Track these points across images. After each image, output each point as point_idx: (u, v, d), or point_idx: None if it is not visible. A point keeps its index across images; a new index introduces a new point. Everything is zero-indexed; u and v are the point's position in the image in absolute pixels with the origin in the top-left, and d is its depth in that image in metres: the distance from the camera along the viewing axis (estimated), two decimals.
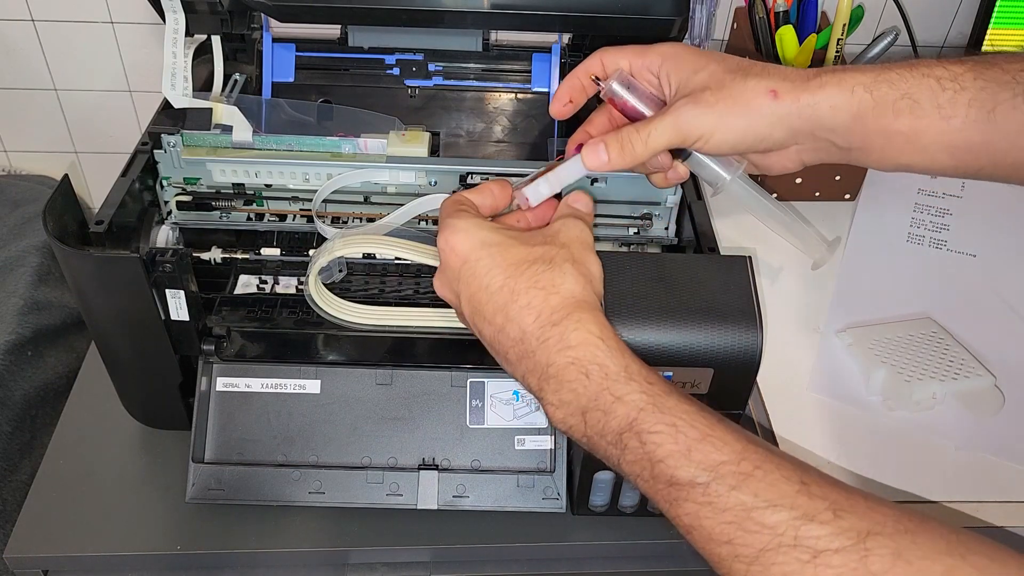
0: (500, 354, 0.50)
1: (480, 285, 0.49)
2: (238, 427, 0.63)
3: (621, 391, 0.44)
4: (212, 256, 0.67)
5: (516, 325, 0.48)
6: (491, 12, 0.66)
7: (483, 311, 0.49)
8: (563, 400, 0.46)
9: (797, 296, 0.82)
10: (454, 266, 0.51)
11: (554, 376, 0.46)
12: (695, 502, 0.40)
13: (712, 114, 0.51)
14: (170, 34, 0.68)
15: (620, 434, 0.43)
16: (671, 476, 0.40)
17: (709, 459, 0.40)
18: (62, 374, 0.84)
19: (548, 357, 0.46)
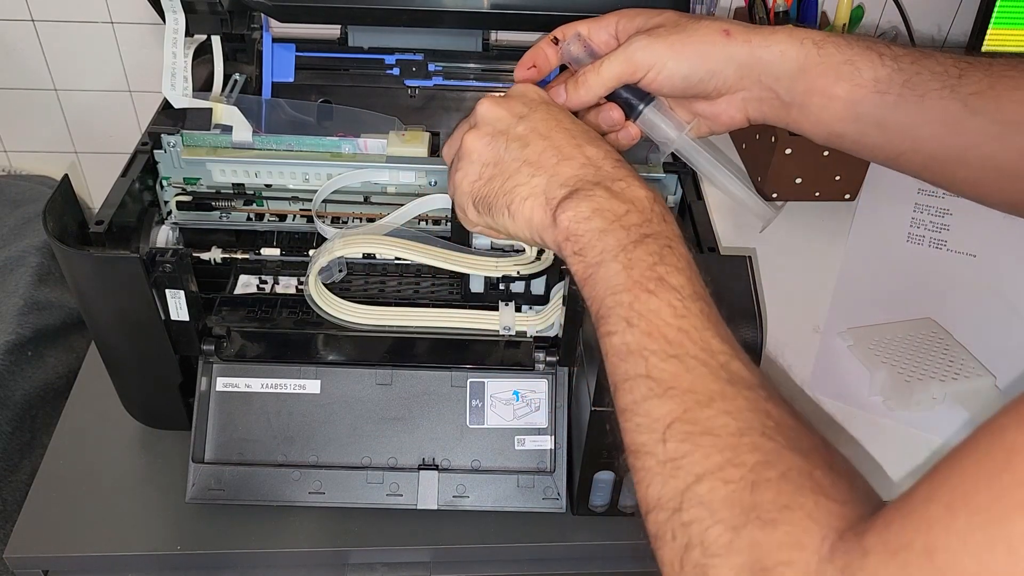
0: (553, 155, 0.49)
1: (569, 114, 0.52)
2: (238, 427, 0.63)
3: (671, 222, 0.46)
4: (212, 256, 0.67)
5: (602, 149, 0.49)
6: (491, 12, 0.66)
7: (564, 124, 0.50)
8: (609, 202, 0.46)
9: (797, 296, 0.82)
10: (542, 96, 0.53)
11: (620, 189, 0.46)
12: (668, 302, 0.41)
13: (663, 44, 0.54)
14: (170, 34, 0.68)
15: (647, 236, 0.44)
16: (665, 278, 0.42)
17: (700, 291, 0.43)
18: (62, 374, 0.84)
19: (623, 175, 0.47)
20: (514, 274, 0.62)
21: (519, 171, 0.49)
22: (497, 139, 0.51)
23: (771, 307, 0.80)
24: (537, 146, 0.49)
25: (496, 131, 0.51)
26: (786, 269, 0.84)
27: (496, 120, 0.51)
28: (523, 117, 0.51)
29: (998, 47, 0.96)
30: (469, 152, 0.51)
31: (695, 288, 0.42)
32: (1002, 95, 0.50)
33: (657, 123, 0.57)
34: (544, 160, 0.49)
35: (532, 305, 0.65)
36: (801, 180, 0.91)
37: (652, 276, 0.42)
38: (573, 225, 0.46)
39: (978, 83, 0.51)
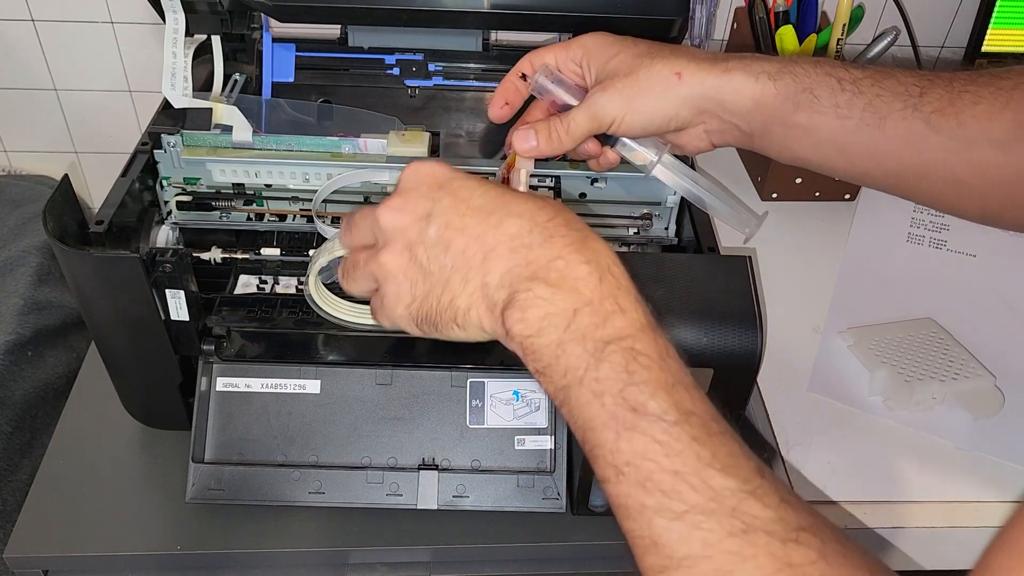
0: (477, 252, 0.43)
1: (475, 187, 0.45)
2: (238, 427, 0.62)
3: (627, 305, 0.41)
4: (212, 256, 0.67)
5: (525, 220, 0.43)
6: (491, 12, 0.66)
7: (475, 203, 0.44)
8: (552, 299, 0.40)
9: (797, 296, 0.82)
10: (437, 177, 0.45)
11: (558, 271, 0.41)
12: (652, 438, 0.37)
13: (620, 98, 0.55)
14: (170, 34, 0.68)
15: (606, 344, 0.39)
16: (641, 403, 0.37)
17: (684, 404, 0.38)
18: (62, 374, 0.84)
19: (557, 252, 0.42)
20: None
21: (450, 281, 0.44)
22: (414, 251, 0.45)
23: (771, 307, 0.80)
24: (457, 245, 0.43)
25: (408, 243, 0.45)
26: (786, 269, 0.84)
27: (404, 231, 0.45)
28: (430, 215, 0.44)
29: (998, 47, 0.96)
30: (391, 275, 0.46)
31: (679, 401, 0.38)
32: (963, 111, 0.51)
33: (633, 147, 0.59)
34: (470, 260, 0.43)
35: None
36: (801, 180, 0.91)
37: (627, 405, 0.37)
38: (527, 341, 0.41)
39: (939, 100, 0.51)
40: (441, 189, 0.45)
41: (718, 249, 0.63)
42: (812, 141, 0.54)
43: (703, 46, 0.94)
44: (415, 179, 0.46)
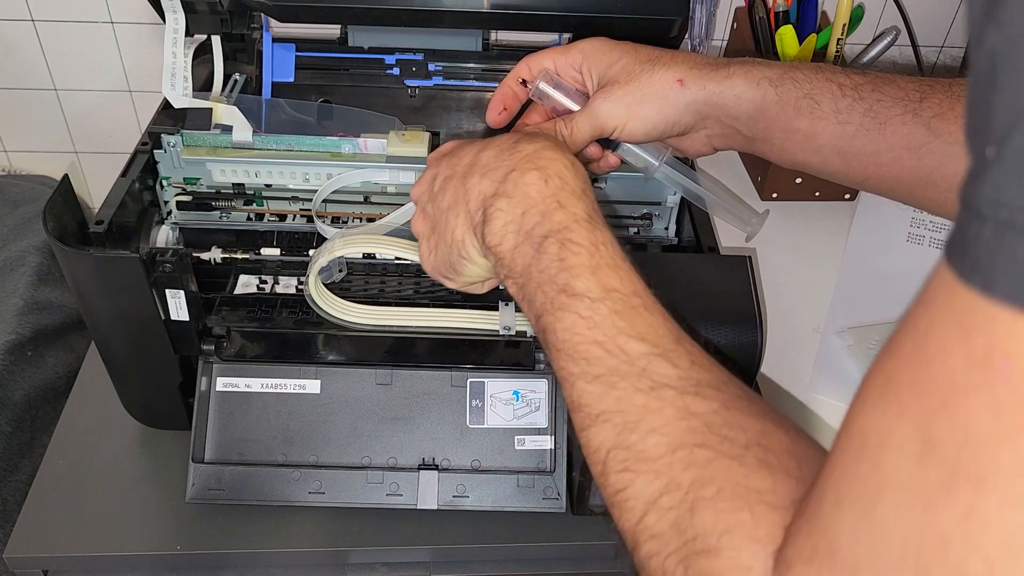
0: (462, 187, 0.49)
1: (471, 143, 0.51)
2: (238, 427, 0.62)
3: (569, 201, 0.44)
4: (212, 256, 0.67)
5: (493, 148, 0.48)
6: (491, 12, 0.66)
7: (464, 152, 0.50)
8: (510, 205, 0.45)
9: (797, 296, 0.82)
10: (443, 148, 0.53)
11: (512, 183, 0.45)
12: (578, 314, 0.40)
13: (622, 105, 0.55)
14: (170, 34, 0.68)
15: (546, 237, 0.43)
16: (568, 284, 0.41)
17: (608, 282, 0.41)
18: (62, 374, 0.84)
19: (513, 166, 0.46)
20: None
21: (448, 220, 0.50)
22: (426, 209, 0.52)
23: (771, 307, 0.80)
24: (450, 189, 0.50)
25: (423, 205, 0.53)
26: (786, 269, 0.84)
27: (420, 197, 0.53)
28: (435, 176, 0.52)
29: None
30: (418, 235, 0.54)
31: (604, 281, 0.41)
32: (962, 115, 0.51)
33: (634, 151, 0.59)
34: (458, 196, 0.49)
35: None
36: (801, 180, 0.91)
37: (558, 288, 0.41)
38: (496, 250, 0.46)
39: (939, 105, 0.51)
40: (446, 156, 0.52)
41: (718, 249, 0.63)
42: (813, 146, 0.54)
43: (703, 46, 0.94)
44: (431, 158, 0.54)
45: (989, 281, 0.23)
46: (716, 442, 0.35)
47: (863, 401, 0.29)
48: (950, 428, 0.24)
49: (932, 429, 0.24)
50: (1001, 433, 0.23)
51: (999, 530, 0.23)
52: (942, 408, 0.24)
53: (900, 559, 0.25)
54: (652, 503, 0.35)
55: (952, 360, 0.24)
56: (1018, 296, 0.22)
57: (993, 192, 0.23)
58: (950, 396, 0.24)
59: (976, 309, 0.23)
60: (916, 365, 0.26)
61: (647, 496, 0.35)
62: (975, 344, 0.23)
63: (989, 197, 0.23)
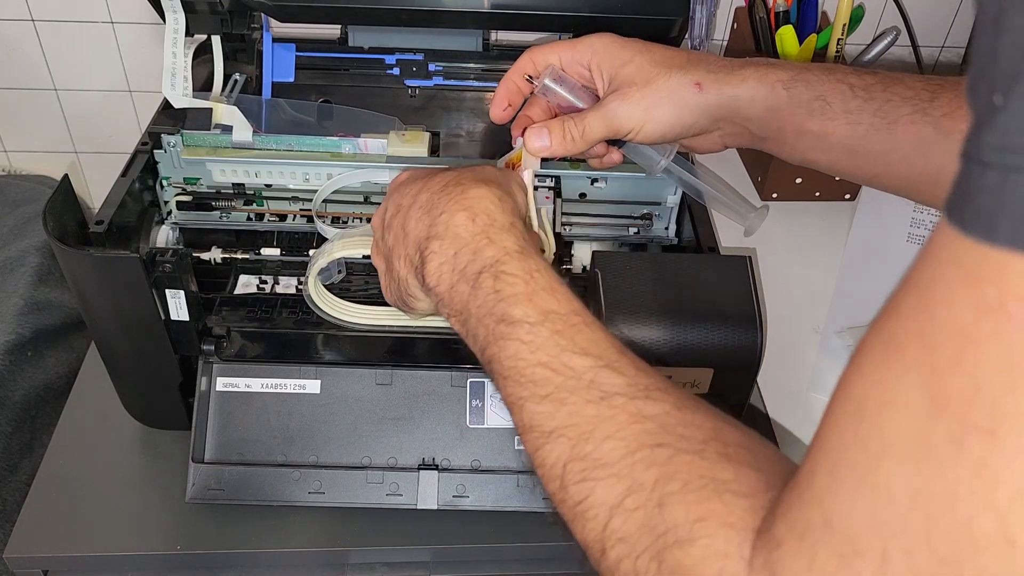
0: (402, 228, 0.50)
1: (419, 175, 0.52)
2: (238, 427, 0.62)
3: (498, 237, 0.45)
4: (212, 256, 0.67)
5: (428, 190, 0.49)
6: (491, 12, 0.66)
7: (410, 189, 0.51)
8: (443, 247, 0.46)
9: (797, 296, 0.82)
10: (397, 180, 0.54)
11: (443, 223, 0.47)
12: (520, 340, 0.41)
13: (640, 108, 0.55)
14: (170, 34, 0.68)
15: (480, 273, 0.44)
16: (507, 313, 0.42)
17: (545, 306, 0.42)
18: (62, 374, 0.84)
19: (443, 207, 0.47)
20: None
21: (393, 259, 0.51)
22: (378, 244, 0.54)
23: (771, 307, 0.80)
24: (394, 226, 0.51)
25: (377, 238, 0.54)
26: (786, 269, 0.84)
27: (376, 228, 0.54)
28: (385, 211, 0.52)
29: None
30: (376, 267, 0.54)
31: (541, 304, 0.42)
32: None
33: (640, 150, 0.59)
34: (398, 236, 0.50)
35: None
36: (801, 180, 0.90)
37: (497, 318, 0.42)
38: (435, 291, 0.47)
39: (949, 104, 0.52)
40: (402, 185, 0.52)
41: (718, 249, 0.63)
42: (823, 147, 0.55)
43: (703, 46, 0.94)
44: (391, 187, 0.54)
45: (994, 229, 0.22)
46: (674, 440, 0.35)
47: (860, 365, 0.28)
48: (960, 380, 0.24)
49: (941, 383, 0.24)
50: (1014, 380, 0.23)
51: (1011, 482, 0.23)
52: (951, 361, 0.24)
53: (904, 523, 0.25)
54: (616, 507, 0.35)
55: (960, 311, 0.24)
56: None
57: (999, 139, 0.22)
58: (960, 347, 0.24)
59: (984, 258, 0.23)
60: (921, 320, 0.25)
61: (610, 501, 0.35)
62: (985, 293, 0.23)
63: (994, 144, 0.22)
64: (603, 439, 0.37)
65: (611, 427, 0.37)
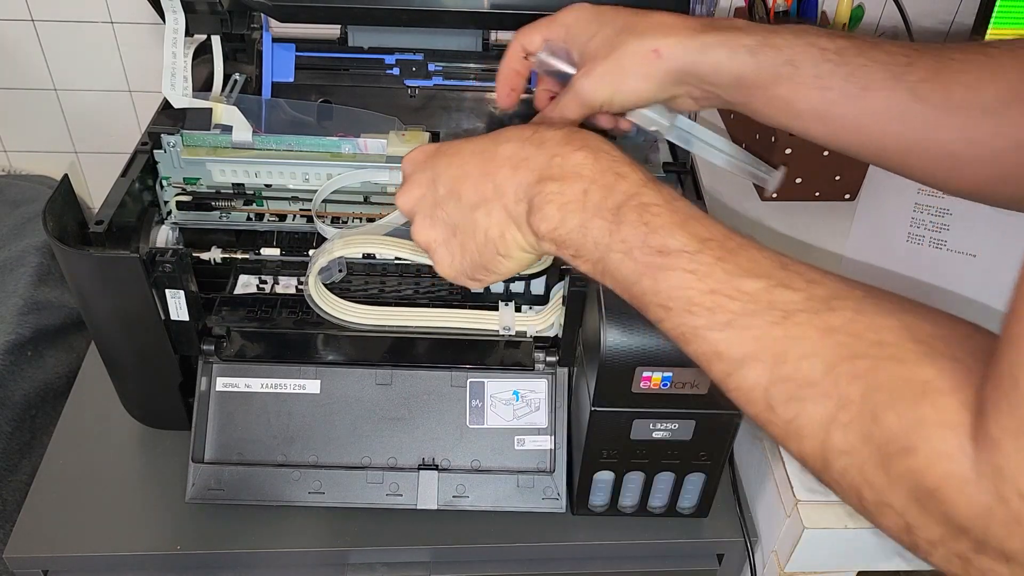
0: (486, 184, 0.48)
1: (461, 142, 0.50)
2: (238, 427, 0.63)
3: (625, 170, 0.45)
4: (212, 256, 0.67)
5: (513, 141, 0.48)
6: (491, 12, 0.66)
7: (466, 152, 0.49)
8: (562, 190, 0.45)
9: None
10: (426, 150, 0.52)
11: (559, 166, 0.45)
12: (683, 269, 0.41)
13: (604, 83, 0.55)
14: (170, 34, 0.68)
15: (619, 208, 0.43)
16: (663, 244, 0.41)
17: (699, 232, 0.41)
18: (62, 374, 0.84)
19: (552, 151, 0.46)
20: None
21: (475, 221, 0.48)
22: (435, 215, 0.50)
23: None
24: (467, 189, 0.49)
25: (427, 212, 0.51)
26: None
27: (418, 204, 0.51)
28: (433, 179, 0.50)
29: None
30: (427, 243, 0.51)
31: (695, 232, 0.41)
32: (950, 79, 0.50)
33: (645, 115, 0.58)
34: (484, 193, 0.48)
35: (532, 305, 0.65)
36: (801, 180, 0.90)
37: (652, 250, 0.42)
38: (554, 234, 0.45)
39: (926, 70, 0.50)
40: (435, 157, 0.51)
41: None
42: (793, 112, 0.54)
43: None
44: (410, 163, 0.52)
45: None
46: (868, 348, 0.36)
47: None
48: None
49: None
50: None
51: None
52: None
53: None
54: (831, 421, 0.36)
55: None
56: None
57: None
58: None
59: None
60: None
61: (822, 417, 0.36)
62: None
63: None
64: (799, 359, 0.37)
65: (804, 346, 0.37)
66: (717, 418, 0.58)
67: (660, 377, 0.55)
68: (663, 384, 0.55)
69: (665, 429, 0.58)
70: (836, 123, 0.53)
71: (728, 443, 0.60)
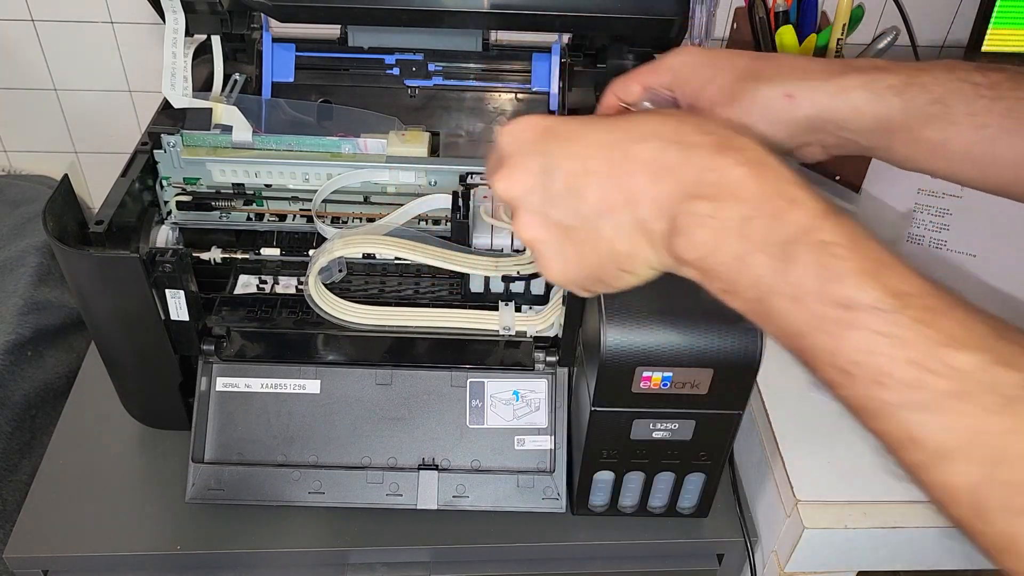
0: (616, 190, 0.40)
1: (581, 125, 0.42)
2: (238, 427, 0.63)
3: (798, 195, 0.37)
4: (212, 256, 0.67)
5: (652, 140, 0.39)
6: (491, 12, 0.66)
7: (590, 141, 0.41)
8: (716, 212, 0.37)
9: None
10: (536, 127, 0.42)
11: (712, 183, 0.37)
12: (873, 331, 0.34)
13: None
14: (170, 34, 0.68)
15: (789, 243, 0.36)
16: (848, 297, 0.34)
17: (895, 286, 0.34)
18: (62, 374, 0.84)
19: (703, 163, 0.38)
20: (514, 274, 0.62)
21: (599, 231, 0.41)
22: (547, 212, 0.42)
23: None
24: (591, 191, 0.40)
25: (536, 207, 0.42)
26: None
27: (525, 196, 0.42)
28: (546, 168, 0.41)
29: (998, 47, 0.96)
30: (533, 243, 0.43)
31: (890, 284, 0.34)
32: None
33: None
34: (612, 201, 0.40)
35: (532, 305, 0.65)
36: None
37: (833, 302, 0.35)
38: (702, 264, 0.38)
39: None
40: (546, 139, 0.42)
41: None
42: (943, 154, 0.49)
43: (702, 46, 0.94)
44: (513, 140, 0.43)
45: None
46: None
47: None
48: None
49: None
50: None
51: None
52: None
53: None
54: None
55: None
56: None
57: None
58: None
59: None
60: None
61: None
62: None
63: None
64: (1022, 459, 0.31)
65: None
66: (717, 418, 0.58)
67: (660, 377, 0.55)
68: (663, 384, 0.55)
69: (665, 429, 0.58)
70: (994, 164, 0.48)
71: (728, 443, 0.60)
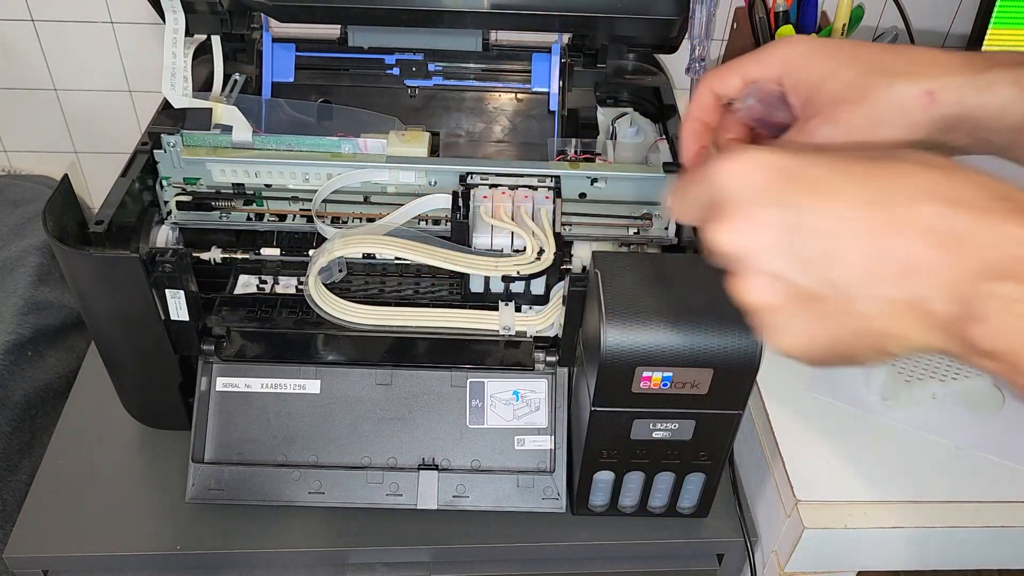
0: (882, 259, 0.34)
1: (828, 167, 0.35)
2: (238, 427, 0.63)
3: None
4: (212, 256, 0.67)
5: (932, 202, 0.33)
6: (491, 12, 0.66)
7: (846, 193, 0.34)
8: None
9: None
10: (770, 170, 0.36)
11: (1019, 259, 0.32)
12: None
13: (856, 134, 0.44)
14: (170, 34, 0.68)
15: None
16: None
17: None
18: (62, 374, 0.84)
19: (1007, 234, 0.32)
20: (514, 274, 0.62)
21: (852, 303, 0.34)
22: (787, 277, 0.36)
23: None
24: (846, 256, 0.34)
25: (772, 270, 0.36)
26: None
27: (758, 256, 0.36)
28: (791, 227, 0.35)
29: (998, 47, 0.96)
30: (764, 311, 0.38)
31: None
32: None
33: None
34: (876, 272, 0.34)
35: (532, 305, 0.65)
36: None
37: None
38: (1012, 356, 0.32)
39: None
40: (787, 186, 0.35)
41: None
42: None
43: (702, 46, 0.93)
44: (739, 183, 0.36)
45: None
46: None
47: None
48: None
49: None
50: None
51: None
52: None
53: None
54: None
55: None
56: None
57: None
58: None
59: None
60: None
61: None
62: None
63: None
64: None
65: None
66: (717, 418, 0.58)
67: (660, 377, 0.55)
68: (663, 384, 0.55)
69: (665, 429, 0.58)
70: None
71: (728, 443, 0.60)
